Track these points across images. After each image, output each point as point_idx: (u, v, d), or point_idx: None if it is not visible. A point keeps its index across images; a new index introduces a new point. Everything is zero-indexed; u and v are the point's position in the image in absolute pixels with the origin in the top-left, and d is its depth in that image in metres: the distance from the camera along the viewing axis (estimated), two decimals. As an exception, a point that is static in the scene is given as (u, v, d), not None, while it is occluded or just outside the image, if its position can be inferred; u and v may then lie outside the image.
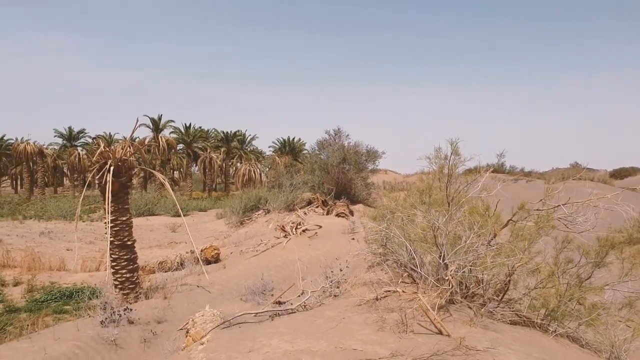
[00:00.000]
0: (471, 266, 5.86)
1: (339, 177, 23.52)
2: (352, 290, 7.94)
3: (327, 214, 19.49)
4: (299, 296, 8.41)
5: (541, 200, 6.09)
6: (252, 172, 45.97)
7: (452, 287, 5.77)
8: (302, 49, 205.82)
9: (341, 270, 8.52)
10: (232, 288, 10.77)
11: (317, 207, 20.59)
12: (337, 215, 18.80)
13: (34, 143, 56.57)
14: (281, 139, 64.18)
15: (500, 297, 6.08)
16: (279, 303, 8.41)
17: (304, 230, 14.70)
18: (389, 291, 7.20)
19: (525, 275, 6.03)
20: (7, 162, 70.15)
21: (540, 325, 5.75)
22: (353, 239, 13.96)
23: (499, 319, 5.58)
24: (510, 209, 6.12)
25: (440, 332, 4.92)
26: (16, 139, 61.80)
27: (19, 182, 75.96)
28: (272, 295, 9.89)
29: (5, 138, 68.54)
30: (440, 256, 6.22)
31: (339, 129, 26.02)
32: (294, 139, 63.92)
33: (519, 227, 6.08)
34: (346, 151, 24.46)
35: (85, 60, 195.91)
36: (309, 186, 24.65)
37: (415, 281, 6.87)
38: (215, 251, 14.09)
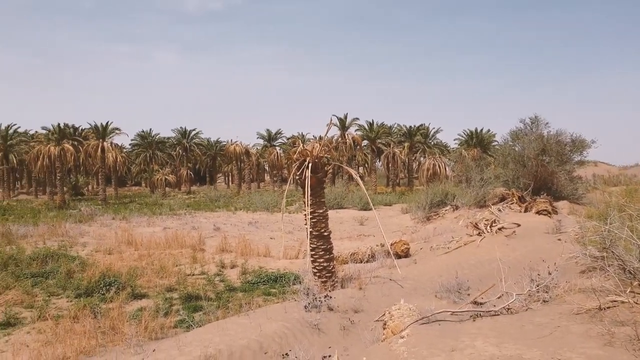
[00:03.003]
0: None
1: (537, 171, 21.39)
2: (566, 296, 7.06)
3: (525, 211, 17.87)
4: (499, 298, 7.82)
5: None
6: (437, 166, 44.98)
7: None
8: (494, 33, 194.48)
9: (550, 274, 7.66)
10: (425, 284, 10.58)
11: (512, 203, 19.05)
12: (538, 212, 17.09)
13: (241, 144, 64.55)
14: (468, 131, 61.36)
15: None
16: (477, 303, 7.95)
17: (499, 229, 13.71)
18: (616, 301, 6.20)
19: None
20: (221, 161, 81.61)
21: None
22: (559, 239, 12.51)
23: None
24: None
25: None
26: (228, 141, 71.42)
27: (229, 179, 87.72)
28: (469, 294, 9.42)
29: (219, 141, 79.79)
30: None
31: (535, 116, 23.69)
32: (482, 130, 60.53)
33: None
34: (546, 141, 22.11)
35: (280, 67, 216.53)
36: (501, 181, 23.00)
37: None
38: (405, 246, 14.06)
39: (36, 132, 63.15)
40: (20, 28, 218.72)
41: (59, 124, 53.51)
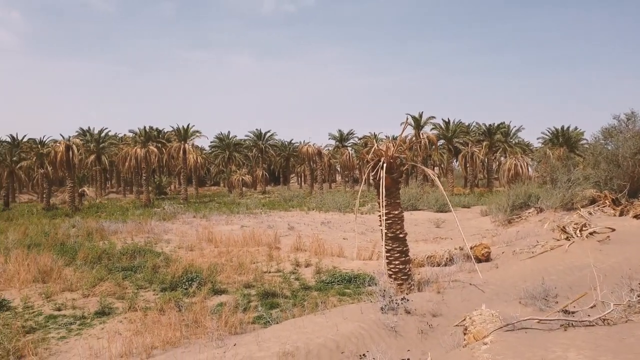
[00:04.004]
0: None
1: (634, 171, 19.64)
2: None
3: (621, 215, 16.46)
4: (592, 307, 7.25)
5: None
6: (519, 166, 42.71)
7: None
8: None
9: (654, 283, 6.99)
10: (508, 289, 10.06)
11: (604, 206, 17.63)
12: (635, 216, 15.67)
13: (313, 145, 65.31)
14: (552, 129, 57.93)
15: None
16: (568, 312, 7.42)
17: (590, 233, 12.74)
18: None
19: None
20: (294, 162, 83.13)
21: None
22: (661, 245, 11.41)
23: None
24: None
25: None
26: (301, 142, 72.58)
27: (302, 179, 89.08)
28: (557, 302, 8.83)
29: (292, 142, 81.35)
30: None
31: (632, 112, 21.81)
32: (568, 127, 56.91)
33: None
34: (644, 139, 20.29)
35: (352, 67, 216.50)
36: (591, 182, 21.39)
37: None
38: (486, 249, 13.47)
39: (124, 135, 67.98)
40: (106, 38, 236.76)
41: (144, 127, 57.21)
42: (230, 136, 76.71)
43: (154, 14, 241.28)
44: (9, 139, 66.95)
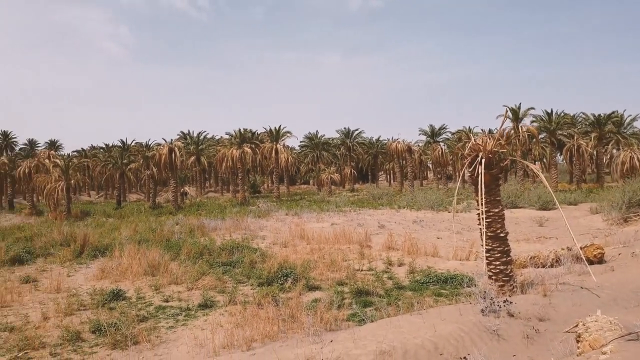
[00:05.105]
0: None
1: None
2: None
3: None
4: None
5: None
6: (636, 159, 38.66)
7: None
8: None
9: None
10: (628, 295, 9.11)
11: None
12: None
13: (403, 141, 64.15)
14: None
15: None
16: None
17: None
18: None
19: None
20: (382, 159, 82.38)
21: None
22: None
23: None
24: None
25: None
26: (389, 139, 71.70)
27: (391, 176, 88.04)
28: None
29: (380, 139, 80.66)
30: None
31: None
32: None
33: None
34: None
35: (440, 61, 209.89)
36: None
37: None
38: (599, 250, 12.32)
39: (221, 137, 71.71)
40: (201, 45, 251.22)
41: (239, 130, 59.82)
42: (318, 135, 77.90)
43: (244, 19, 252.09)
44: (119, 144, 73.62)
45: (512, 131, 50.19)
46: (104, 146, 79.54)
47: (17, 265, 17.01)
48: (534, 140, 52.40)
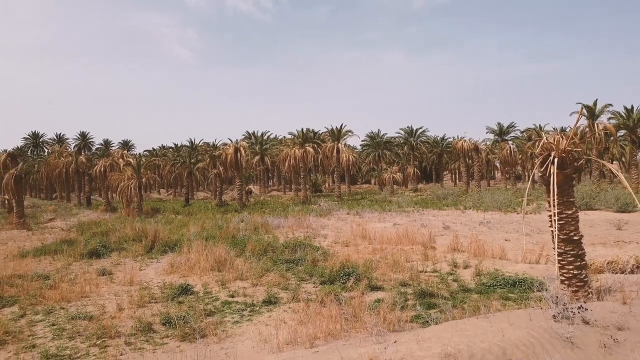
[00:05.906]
0: None
1: None
2: None
3: None
4: None
5: None
6: None
7: None
8: None
9: None
10: None
11: None
12: None
13: (469, 140, 62.30)
14: None
15: None
16: None
17: None
18: None
19: None
20: (447, 159, 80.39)
21: None
22: None
23: None
24: None
25: None
26: (455, 137, 69.86)
27: (456, 176, 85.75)
28: None
29: (445, 137, 78.77)
30: None
31: None
32: None
33: None
34: None
35: (509, 57, 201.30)
36: None
37: None
38: (686, 256, 11.38)
39: (284, 137, 73.08)
40: (267, 46, 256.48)
41: (302, 129, 60.70)
42: (380, 134, 77.33)
43: (309, 19, 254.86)
44: (188, 144, 76.90)
45: (587, 129, 47.31)
46: (173, 146, 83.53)
47: (94, 259, 18.30)
48: (612, 138, 49.14)
